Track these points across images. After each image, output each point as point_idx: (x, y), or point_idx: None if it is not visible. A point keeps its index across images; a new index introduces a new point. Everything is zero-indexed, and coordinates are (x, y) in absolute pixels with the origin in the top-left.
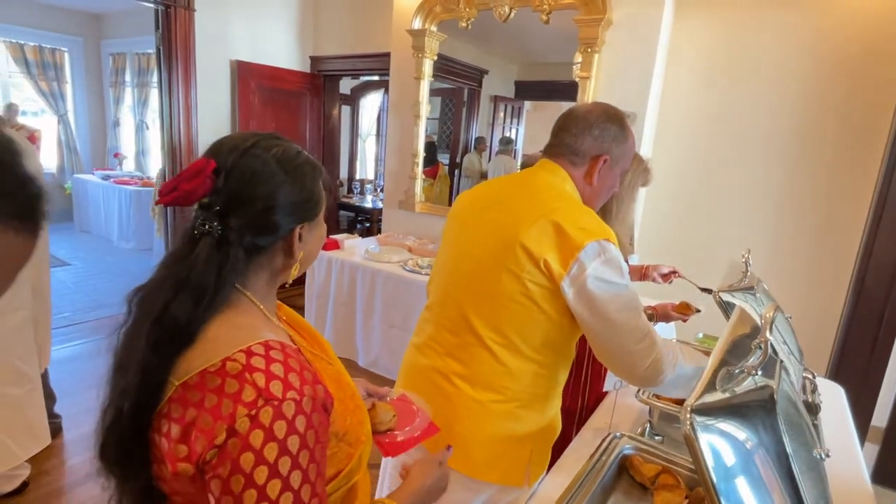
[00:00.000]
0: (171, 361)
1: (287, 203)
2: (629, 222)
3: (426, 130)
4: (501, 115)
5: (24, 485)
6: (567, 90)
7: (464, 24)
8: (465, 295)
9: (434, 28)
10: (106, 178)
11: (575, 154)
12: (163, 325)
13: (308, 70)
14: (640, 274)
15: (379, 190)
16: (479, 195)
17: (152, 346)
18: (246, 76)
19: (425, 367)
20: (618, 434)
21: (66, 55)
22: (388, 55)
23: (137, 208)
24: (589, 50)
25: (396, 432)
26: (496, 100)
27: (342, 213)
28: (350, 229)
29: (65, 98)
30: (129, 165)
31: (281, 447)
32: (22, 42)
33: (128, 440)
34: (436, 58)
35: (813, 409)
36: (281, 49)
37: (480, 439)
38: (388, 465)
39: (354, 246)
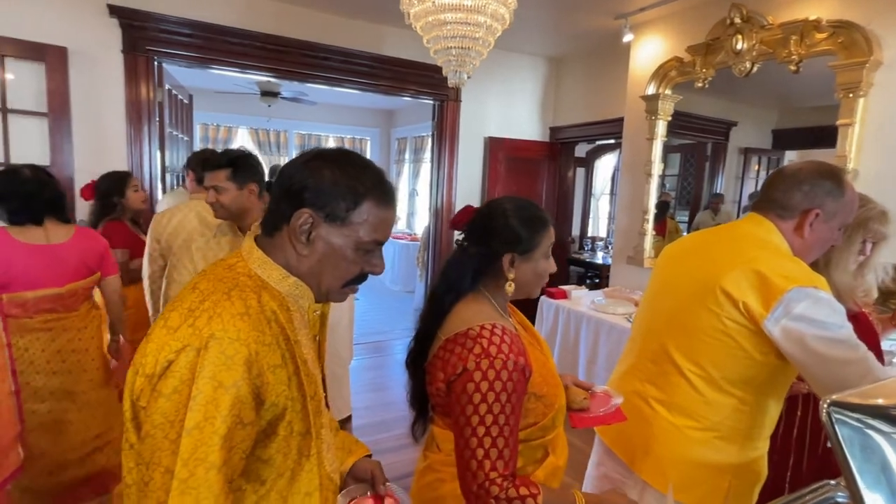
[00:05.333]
0: (438, 323)
1: (503, 237)
2: (856, 279)
3: (665, 187)
4: (755, 167)
5: None
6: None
7: (700, 85)
8: (665, 329)
9: (669, 91)
10: None
11: (783, 208)
12: (434, 298)
13: (547, 139)
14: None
15: (609, 246)
16: (683, 243)
17: (427, 313)
18: (495, 149)
19: (626, 391)
20: (833, 482)
21: (369, 142)
22: (621, 120)
23: (405, 258)
24: (850, 95)
25: (589, 411)
26: (747, 152)
27: (572, 268)
28: (579, 283)
29: None
30: (401, 224)
31: (489, 384)
32: (342, 136)
33: (417, 369)
34: (670, 118)
35: None
36: (524, 122)
37: (676, 461)
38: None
39: (581, 297)
